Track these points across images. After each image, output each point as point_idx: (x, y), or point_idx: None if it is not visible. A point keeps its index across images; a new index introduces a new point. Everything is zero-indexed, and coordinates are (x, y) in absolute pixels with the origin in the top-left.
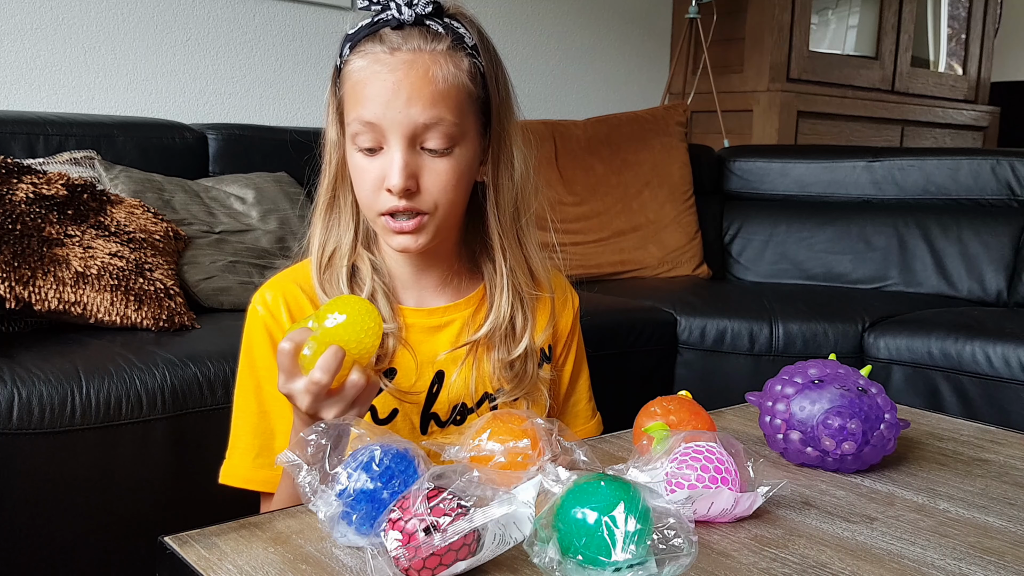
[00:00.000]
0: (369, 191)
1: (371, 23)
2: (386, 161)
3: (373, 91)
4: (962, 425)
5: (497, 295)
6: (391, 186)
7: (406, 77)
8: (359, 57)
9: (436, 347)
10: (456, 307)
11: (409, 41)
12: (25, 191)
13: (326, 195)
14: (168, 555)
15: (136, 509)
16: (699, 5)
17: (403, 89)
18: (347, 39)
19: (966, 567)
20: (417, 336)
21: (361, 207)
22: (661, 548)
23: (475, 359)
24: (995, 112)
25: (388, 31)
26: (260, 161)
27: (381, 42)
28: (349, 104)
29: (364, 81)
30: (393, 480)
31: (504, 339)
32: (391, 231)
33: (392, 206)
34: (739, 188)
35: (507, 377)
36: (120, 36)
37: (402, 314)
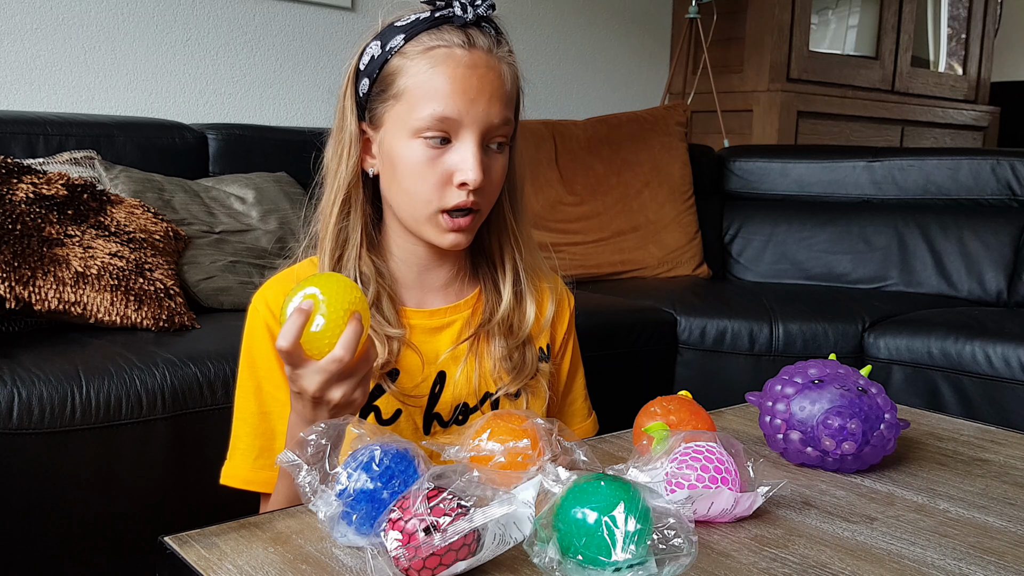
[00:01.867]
0: (433, 185)
1: (431, 18)
2: (458, 156)
3: (454, 86)
4: (962, 425)
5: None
6: (467, 180)
7: (486, 76)
8: (426, 50)
9: (438, 348)
10: (456, 308)
11: (479, 40)
12: (25, 191)
13: (340, 194)
14: (168, 555)
15: (136, 509)
16: (699, 5)
17: (486, 88)
18: (396, 30)
19: (966, 567)
20: (419, 337)
21: (411, 202)
22: (661, 548)
23: (476, 357)
24: (995, 112)
25: (452, 28)
26: (260, 161)
27: (452, 37)
28: (416, 96)
29: (442, 75)
30: (393, 480)
31: (503, 333)
32: (446, 228)
33: (460, 202)
34: (739, 188)
35: (506, 368)
36: (120, 36)
37: (405, 315)
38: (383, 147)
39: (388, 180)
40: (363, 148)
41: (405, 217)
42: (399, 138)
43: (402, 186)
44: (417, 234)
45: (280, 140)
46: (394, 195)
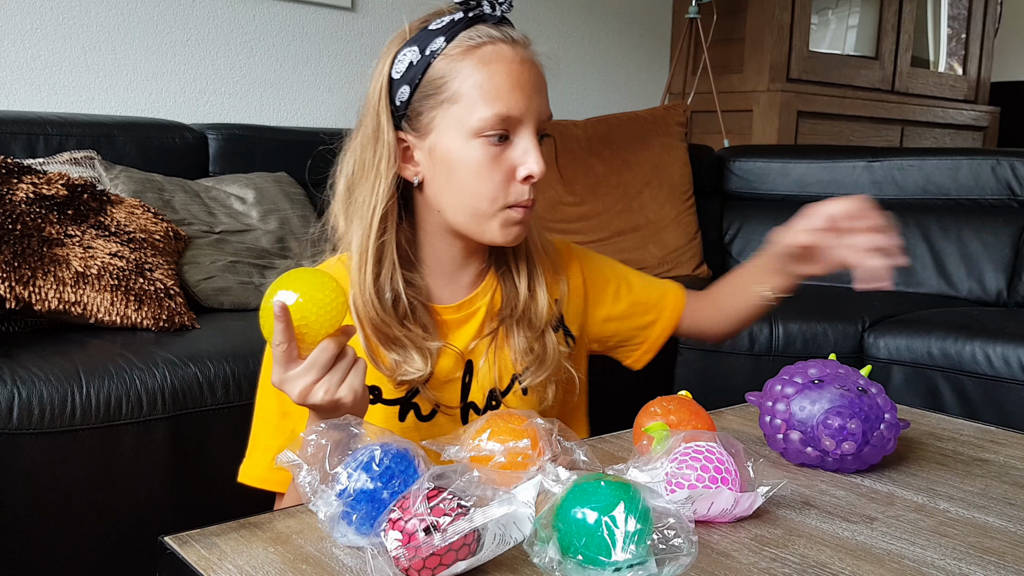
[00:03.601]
0: (499, 183)
1: (466, 18)
2: (520, 152)
3: (512, 83)
4: (962, 425)
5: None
6: (534, 172)
7: (532, 69)
8: (473, 50)
9: (466, 337)
10: (480, 294)
11: (514, 35)
12: (25, 191)
13: (380, 209)
14: (168, 555)
15: (136, 509)
16: (699, 5)
17: (535, 82)
18: (435, 33)
19: (966, 567)
20: (451, 331)
21: (474, 202)
22: (661, 548)
23: (496, 344)
24: (995, 112)
25: (488, 26)
26: (260, 161)
27: (492, 35)
28: (472, 97)
29: (499, 74)
30: (393, 480)
31: (523, 327)
32: (513, 222)
33: (526, 197)
34: (739, 188)
35: (528, 360)
36: (120, 36)
37: (436, 313)
38: (435, 152)
39: (442, 185)
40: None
41: (463, 219)
42: (456, 140)
43: (463, 188)
44: (475, 235)
45: (280, 140)
46: (450, 199)
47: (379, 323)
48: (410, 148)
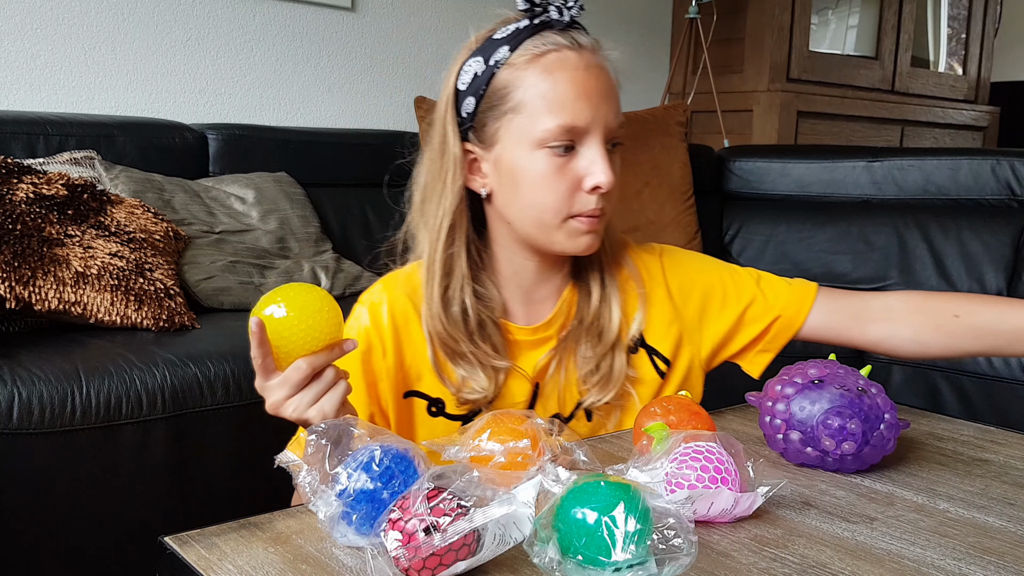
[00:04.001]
0: (563, 194)
1: (532, 25)
2: (586, 162)
3: (577, 92)
4: (962, 425)
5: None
6: (601, 183)
7: (600, 76)
8: (536, 58)
9: (536, 359)
10: (556, 317)
11: (582, 41)
12: (25, 191)
13: (447, 220)
14: (168, 555)
15: (136, 509)
16: (699, 5)
17: (603, 89)
18: (500, 42)
19: (966, 567)
20: (524, 352)
21: (540, 213)
22: (661, 548)
23: (563, 368)
24: (995, 112)
25: (553, 33)
26: (260, 161)
27: (559, 42)
28: (537, 107)
29: (562, 83)
30: (393, 480)
31: (591, 339)
32: (581, 231)
33: (593, 207)
34: (739, 188)
35: (594, 380)
36: (120, 36)
37: (510, 332)
38: (501, 163)
39: (508, 196)
40: (468, 168)
41: (530, 231)
42: (520, 151)
43: (528, 199)
44: (544, 246)
45: (280, 140)
46: (517, 210)
47: (446, 337)
48: (478, 160)
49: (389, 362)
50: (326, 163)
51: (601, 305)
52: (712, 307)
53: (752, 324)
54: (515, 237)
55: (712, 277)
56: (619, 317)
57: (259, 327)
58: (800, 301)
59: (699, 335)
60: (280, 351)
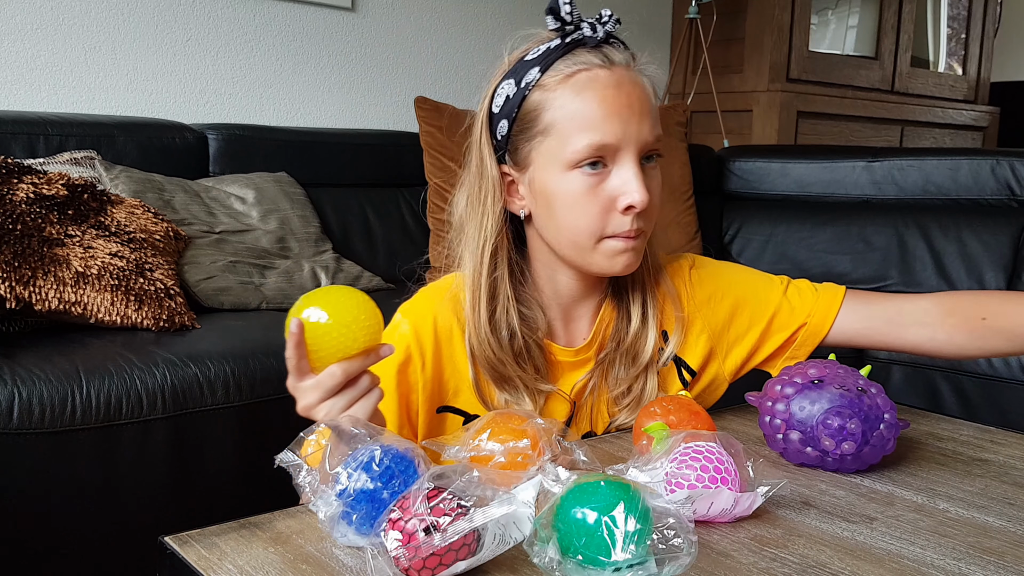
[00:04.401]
0: (597, 213)
1: (563, 44)
2: (620, 181)
3: (606, 110)
4: (962, 425)
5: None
6: (635, 202)
7: (633, 93)
8: (566, 78)
9: (575, 379)
10: (595, 336)
11: (616, 57)
12: (25, 191)
13: (489, 244)
14: (168, 555)
15: (136, 509)
16: (699, 5)
17: (635, 105)
18: (530, 64)
19: (966, 567)
20: (565, 372)
21: (574, 235)
22: (661, 548)
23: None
24: (995, 112)
25: (585, 51)
26: (260, 161)
27: (590, 60)
28: (567, 127)
29: (592, 101)
30: (393, 480)
31: (627, 354)
32: (618, 251)
33: (628, 229)
34: (739, 188)
35: (625, 402)
36: (120, 36)
37: (553, 352)
38: (534, 186)
39: (544, 218)
40: (507, 191)
41: (567, 252)
42: (553, 173)
43: (562, 221)
44: (583, 267)
45: (280, 140)
46: (553, 232)
47: (495, 362)
48: (515, 182)
49: (428, 375)
50: (326, 163)
51: (640, 330)
52: (741, 318)
53: (778, 333)
54: (555, 257)
55: (741, 288)
56: (655, 342)
57: (299, 329)
58: (827, 307)
59: (727, 346)
60: (316, 355)
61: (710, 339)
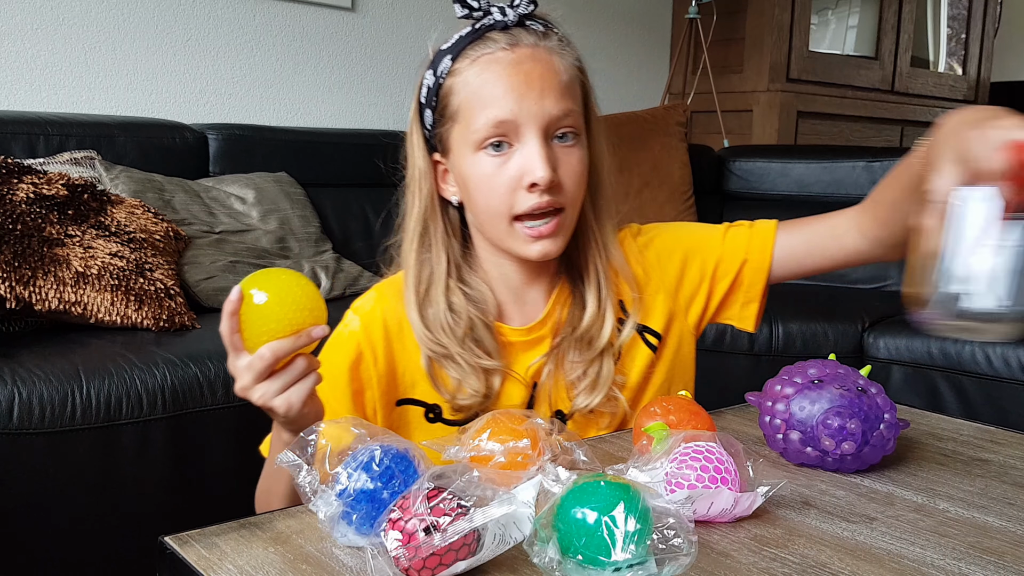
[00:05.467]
0: (504, 193)
1: (473, 31)
2: (523, 157)
3: (502, 87)
4: (962, 425)
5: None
6: (536, 179)
7: (534, 70)
8: (471, 63)
9: (531, 361)
10: (549, 315)
11: (523, 38)
12: (25, 191)
13: (417, 227)
14: (168, 555)
15: (136, 509)
16: (699, 5)
17: (534, 81)
18: (443, 53)
19: (966, 567)
20: (519, 354)
21: (488, 217)
22: (661, 548)
23: (553, 372)
24: None
25: (496, 34)
26: (260, 161)
27: (495, 43)
28: (470, 109)
29: (489, 80)
30: (393, 480)
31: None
32: (529, 238)
33: (534, 204)
34: (739, 188)
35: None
36: (120, 36)
37: (503, 333)
38: (455, 171)
39: (468, 203)
40: (441, 178)
41: (491, 235)
42: (465, 156)
43: (478, 203)
44: (506, 250)
45: (280, 140)
46: (475, 216)
47: (431, 341)
48: (447, 170)
49: (380, 369)
50: (326, 163)
51: (595, 316)
52: (692, 271)
53: (724, 277)
54: (487, 241)
55: (686, 242)
56: (611, 327)
57: (237, 298)
58: (762, 241)
59: (686, 301)
60: (248, 333)
61: (667, 298)
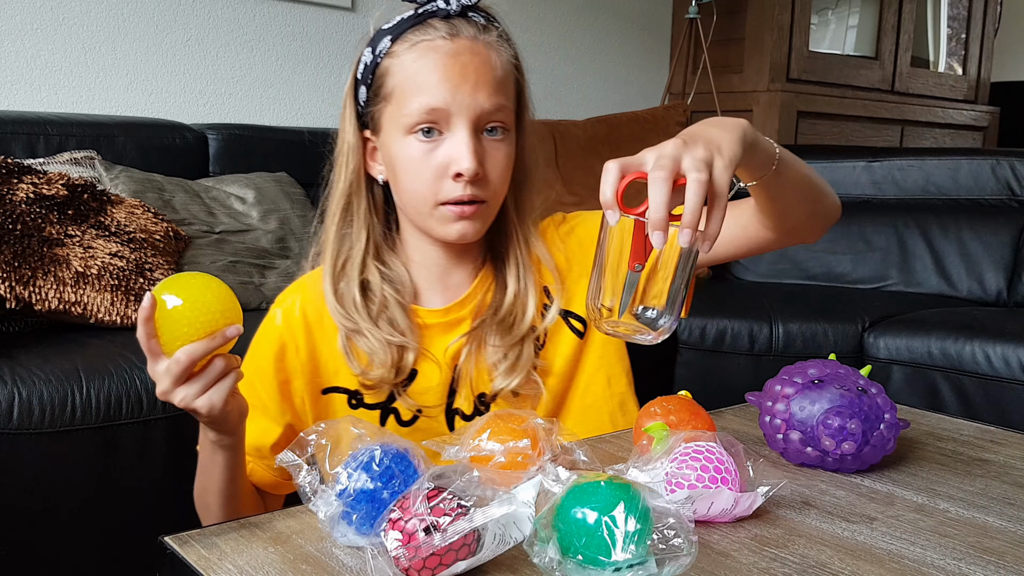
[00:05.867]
0: (429, 179)
1: (415, 15)
2: (452, 147)
3: (438, 76)
4: (962, 425)
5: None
6: (463, 170)
7: (471, 62)
8: (411, 47)
9: (448, 343)
10: (469, 298)
11: (463, 29)
12: (25, 191)
13: (340, 201)
14: (168, 555)
15: (136, 509)
16: (699, 5)
17: (470, 74)
18: (383, 33)
19: (966, 567)
20: (436, 335)
21: (412, 199)
22: (661, 548)
23: (473, 354)
24: (995, 112)
25: (437, 21)
26: (260, 161)
27: (435, 30)
28: (403, 93)
29: (426, 67)
30: (393, 480)
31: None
32: (452, 217)
33: (458, 195)
34: None
35: (501, 369)
36: (120, 36)
37: (420, 315)
38: (383, 151)
39: (393, 183)
40: (369, 155)
41: (412, 216)
42: (395, 138)
43: (403, 185)
44: (427, 232)
45: (280, 140)
46: (399, 197)
47: (341, 316)
48: (376, 148)
49: (303, 358)
50: (326, 163)
51: (516, 301)
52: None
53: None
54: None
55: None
56: (533, 314)
57: (150, 304)
58: None
59: None
60: (164, 338)
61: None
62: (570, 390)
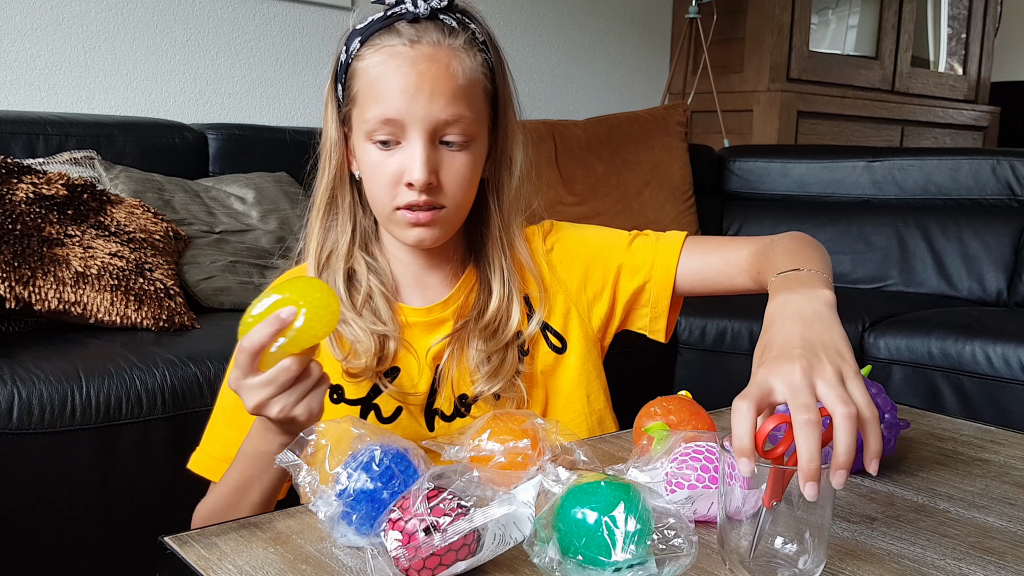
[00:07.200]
0: (386, 186)
1: (384, 17)
2: (406, 156)
3: (394, 85)
4: (962, 425)
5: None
6: (413, 180)
7: (428, 71)
8: (375, 51)
9: (431, 343)
10: (452, 299)
11: (427, 35)
12: (25, 191)
13: (324, 195)
14: (168, 555)
15: (136, 509)
16: (699, 5)
17: (426, 84)
18: (355, 33)
19: (966, 567)
20: (417, 334)
21: (373, 203)
22: (661, 548)
23: (455, 356)
24: (995, 112)
25: (403, 25)
26: (260, 161)
27: (399, 35)
28: (364, 99)
29: (384, 76)
30: (393, 480)
31: (486, 329)
32: (407, 223)
33: (411, 201)
34: (739, 188)
35: (483, 372)
36: (120, 36)
37: (403, 313)
38: (355, 150)
39: (363, 182)
40: (350, 151)
41: (378, 218)
42: (359, 141)
43: (366, 187)
44: (391, 234)
45: (280, 140)
46: (367, 196)
47: None
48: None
49: None
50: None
51: (501, 307)
52: (594, 277)
53: (627, 287)
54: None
55: (590, 247)
56: (517, 320)
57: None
58: (667, 258)
59: (587, 306)
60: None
61: (567, 300)
62: (549, 404)
